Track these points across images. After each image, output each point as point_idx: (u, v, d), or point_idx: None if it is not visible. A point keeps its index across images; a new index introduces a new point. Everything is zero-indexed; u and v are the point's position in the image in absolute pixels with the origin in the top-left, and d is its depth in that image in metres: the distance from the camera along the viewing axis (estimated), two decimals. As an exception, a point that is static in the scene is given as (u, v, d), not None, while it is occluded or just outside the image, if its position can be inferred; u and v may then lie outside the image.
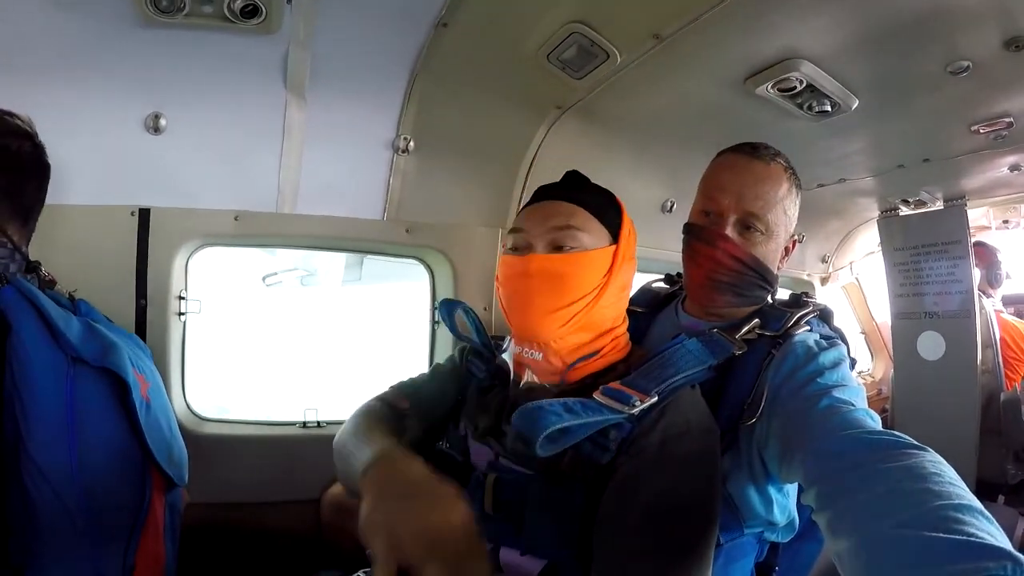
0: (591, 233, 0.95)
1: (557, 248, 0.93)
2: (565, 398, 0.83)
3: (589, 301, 0.93)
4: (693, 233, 1.14)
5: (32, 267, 1.06)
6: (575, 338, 0.94)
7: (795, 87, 1.36)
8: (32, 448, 0.86)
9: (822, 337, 1.05)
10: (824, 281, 3.22)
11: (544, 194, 1.01)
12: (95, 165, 1.18)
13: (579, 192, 0.99)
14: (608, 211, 0.99)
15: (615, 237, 0.98)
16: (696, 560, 0.79)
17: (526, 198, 1.72)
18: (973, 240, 2.58)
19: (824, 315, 1.13)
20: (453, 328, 1.15)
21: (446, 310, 1.15)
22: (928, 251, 2.59)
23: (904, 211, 2.62)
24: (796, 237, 1.18)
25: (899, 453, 0.69)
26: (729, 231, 1.08)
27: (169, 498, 1.11)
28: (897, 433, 0.74)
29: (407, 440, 0.98)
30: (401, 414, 1.06)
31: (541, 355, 0.94)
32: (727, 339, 0.99)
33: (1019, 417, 2.71)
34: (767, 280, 1.12)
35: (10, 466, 0.86)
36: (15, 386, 0.87)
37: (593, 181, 1.03)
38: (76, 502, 0.90)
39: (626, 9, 1.17)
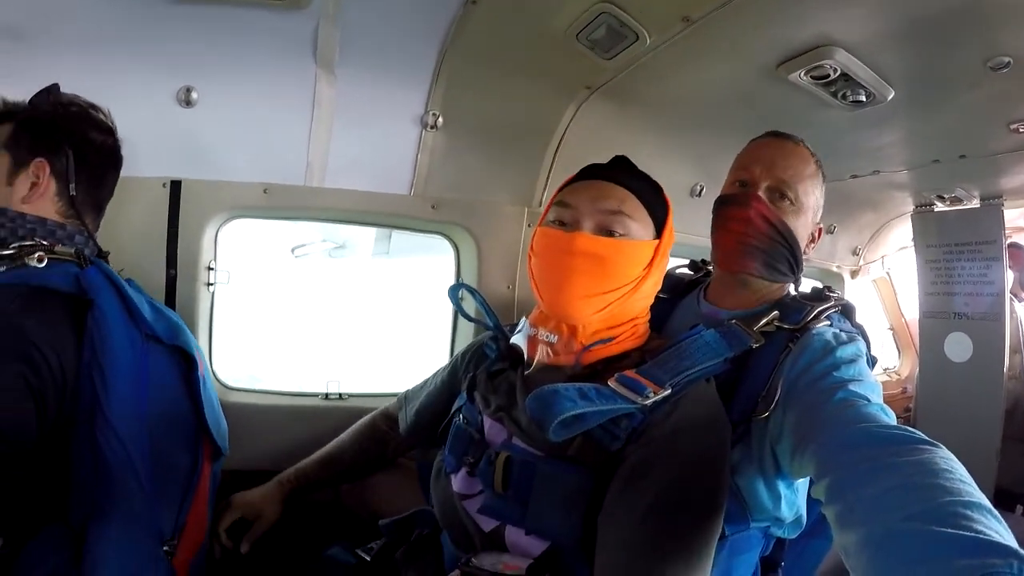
0: (640, 223, 0.94)
1: (605, 231, 0.92)
2: (580, 383, 0.83)
3: (626, 292, 0.93)
4: (725, 201, 1.15)
5: (103, 254, 1.12)
6: (598, 322, 0.94)
7: (829, 75, 1.33)
8: (110, 413, 0.92)
9: (842, 332, 1.04)
10: (854, 274, 3.12)
11: (594, 173, 0.99)
12: (128, 137, 1.21)
13: (633, 179, 0.97)
14: (657, 204, 0.98)
15: (659, 232, 0.97)
16: (697, 553, 0.80)
17: (553, 177, 1.74)
18: (1008, 241, 2.51)
19: (846, 310, 1.12)
20: (463, 311, 1.18)
21: (454, 294, 1.17)
22: (961, 250, 2.52)
23: (939, 207, 2.54)
24: (823, 226, 1.19)
25: (911, 448, 0.69)
26: (761, 194, 1.10)
27: (214, 466, 1.18)
28: (910, 429, 0.73)
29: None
30: (393, 417, 1.34)
31: (557, 337, 0.94)
32: (745, 331, 0.98)
33: (1043, 426, 2.66)
34: (795, 256, 1.12)
35: (84, 426, 0.92)
36: (95, 355, 0.93)
37: None
38: (143, 463, 0.96)
39: None
